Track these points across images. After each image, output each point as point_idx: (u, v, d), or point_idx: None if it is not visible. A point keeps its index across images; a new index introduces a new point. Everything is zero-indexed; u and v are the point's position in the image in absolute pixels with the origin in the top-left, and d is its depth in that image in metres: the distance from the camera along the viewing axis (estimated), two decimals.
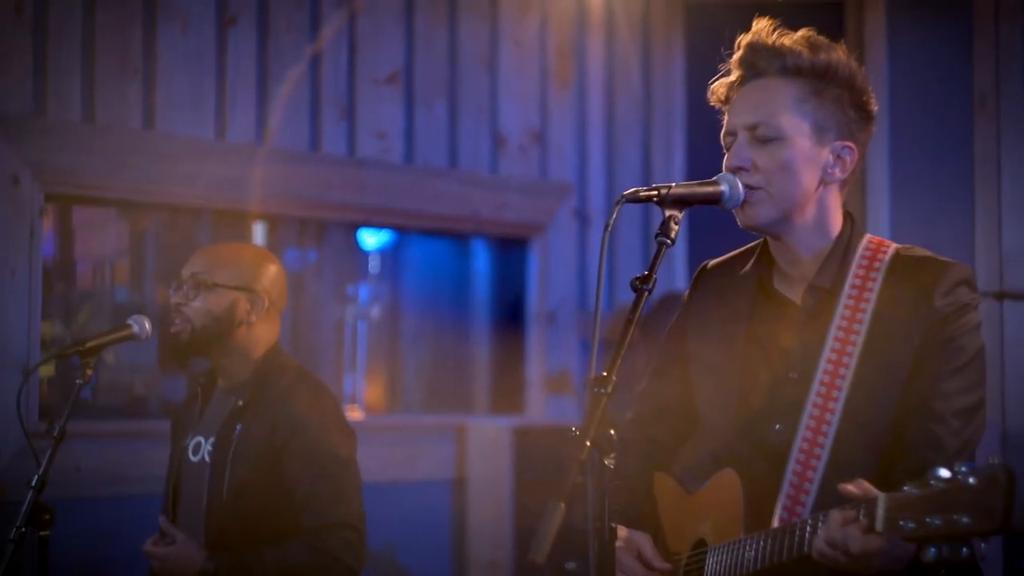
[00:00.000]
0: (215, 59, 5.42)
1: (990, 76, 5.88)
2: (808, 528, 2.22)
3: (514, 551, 5.82)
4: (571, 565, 5.32)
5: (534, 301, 6.40)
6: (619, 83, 6.68)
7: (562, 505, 2.02)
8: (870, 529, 2.06)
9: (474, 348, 6.50)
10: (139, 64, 5.22)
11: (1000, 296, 4.91)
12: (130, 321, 3.52)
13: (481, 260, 6.58)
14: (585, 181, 6.56)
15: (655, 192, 2.35)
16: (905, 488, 1.97)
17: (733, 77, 2.58)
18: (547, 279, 6.41)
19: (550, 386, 6.39)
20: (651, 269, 2.28)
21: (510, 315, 6.51)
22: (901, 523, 1.96)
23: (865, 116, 2.55)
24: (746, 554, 2.38)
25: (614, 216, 2.25)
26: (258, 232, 5.84)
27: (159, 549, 3.46)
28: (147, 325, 3.52)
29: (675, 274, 6.43)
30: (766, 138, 2.48)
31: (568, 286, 6.48)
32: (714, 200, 2.43)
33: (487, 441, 5.98)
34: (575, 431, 2.11)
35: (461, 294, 6.54)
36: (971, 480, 1.88)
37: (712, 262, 2.81)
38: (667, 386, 2.81)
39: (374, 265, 6.29)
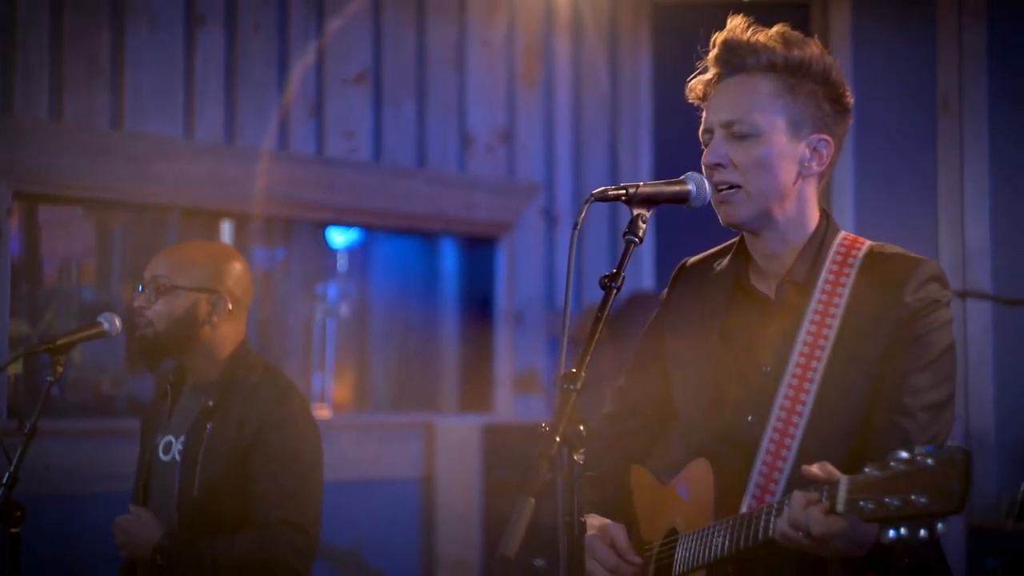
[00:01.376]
0: (183, 59, 5.43)
1: (953, 78, 5.93)
2: (773, 512, 2.25)
3: (482, 549, 5.84)
4: (539, 562, 5.35)
5: (502, 300, 6.43)
6: (586, 83, 6.72)
7: (532, 500, 2.03)
8: (831, 511, 2.08)
9: (442, 347, 6.53)
10: (107, 64, 5.23)
11: (963, 295, 4.96)
12: (100, 319, 3.52)
13: (449, 259, 6.61)
14: (552, 180, 6.60)
15: (623, 191, 2.36)
16: (866, 470, 2.00)
17: (709, 75, 2.60)
18: (515, 278, 6.44)
19: (518, 385, 6.41)
20: (619, 267, 2.29)
21: (478, 314, 6.53)
22: (861, 504, 1.98)
23: (841, 109, 2.58)
24: (714, 541, 2.41)
25: (583, 215, 2.26)
26: (225, 231, 5.84)
27: (121, 520, 3.48)
28: (117, 322, 3.53)
29: (642, 272, 6.47)
30: (742, 135, 2.50)
31: (536, 285, 6.51)
32: (681, 199, 2.44)
33: (455, 440, 6.00)
34: (545, 427, 2.12)
35: (429, 293, 6.56)
36: (929, 462, 1.91)
37: (691, 260, 2.84)
38: (645, 382, 2.84)
39: (342, 264, 6.30)
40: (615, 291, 2.29)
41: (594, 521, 2.64)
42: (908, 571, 2.35)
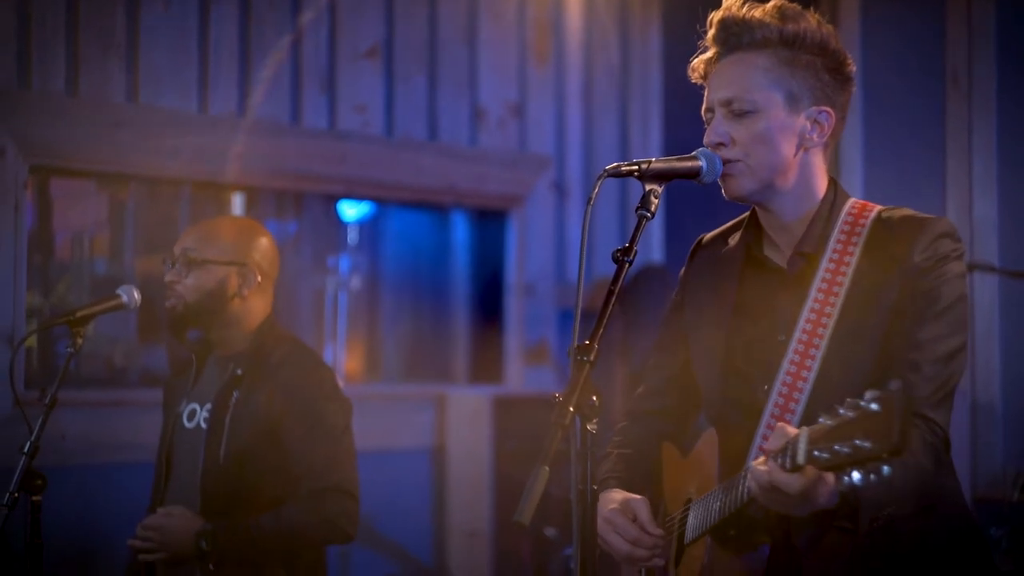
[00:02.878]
0: (197, 33, 5.46)
1: (962, 52, 5.94)
2: (749, 475, 2.29)
3: (494, 520, 5.89)
4: (550, 532, 5.40)
5: (513, 272, 6.47)
6: (597, 57, 6.74)
7: (546, 469, 2.08)
8: (795, 466, 2.11)
9: (453, 319, 6.57)
10: (122, 38, 5.25)
11: (970, 268, 4.98)
12: (119, 291, 3.57)
13: (460, 232, 6.64)
14: (563, 154, 6.62)
15: (636, 167, 2.41)
16: (820, 420, 2.05)
17: (709, 54, 2.64)
18: (525, 251, 6.48)
19: (529, 356, 6.46)
20: (632, 241, 2.34)
21: (489, 286, 6.57)
22: (816, 454, 2.03)
23: (842, 79, 2.61)
24: (712, 505, 2.47)
25: (596, 191, 2.31)
26: (237, 204, 5.88)
27: (152, 519, 3.51)
28: (135, 295, 3.58)
29: (652, 247, 6.50)
30: (741, 112, 2.54)
31: (546, 258, 6.55)
32: (693, 175, 2.49)
33: (467, 411, 6.04)
34: (558, 397, 2.17)
35: (440, 265, 6.60)
36: (873, 406, 1.95)
37: (706, 236, 2.88)
38: (670, 359, 2.88)
39: (353, 236, 6.34)
40: (628, 265, 2.33)
41: (617, 496, 2.67)
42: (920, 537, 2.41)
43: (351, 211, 6.31)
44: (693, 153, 2.51)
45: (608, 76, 6.77)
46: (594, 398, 2.19)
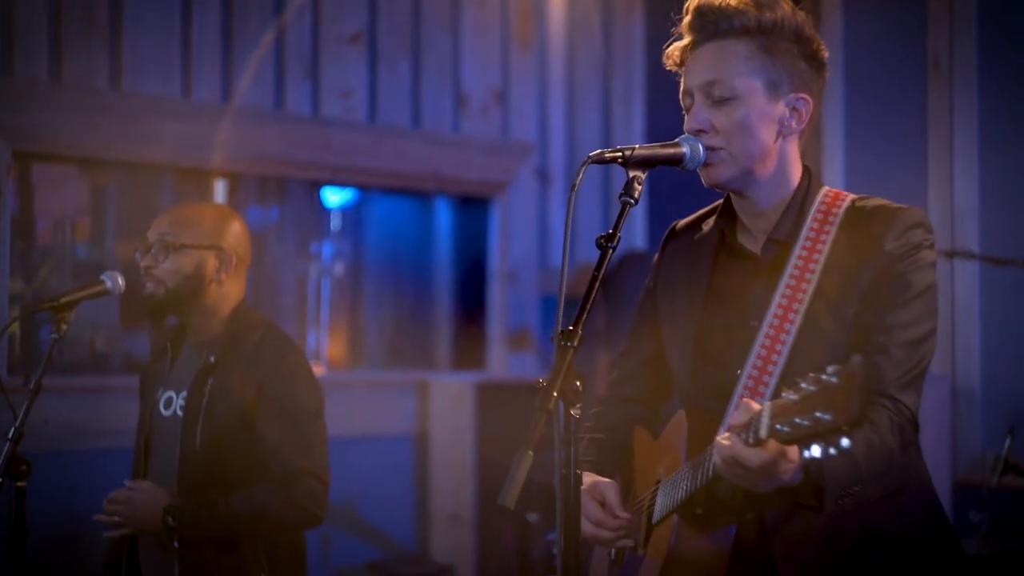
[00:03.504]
0: (181, 19, 5.46)
1: (943, 38, 5.96)
2: (714, 451, 2.31)
3: (476, 505, 5.91)
4: (532, 517, 5.42)
5: (495, 259, 6.49)
6: (580, 44, 6.75)
7: (530, 453, 2.09)
8: (758, 440, 2.14)
9: (436, 305, 6.59)
10: (105, 23, 5.25)
11: (951, 255, 5.00)
12: (103, 277, 3.56)
13: (443, 218, 6.66)
14: (546, 141, 6.64)
15: (619, 154, 2.42)
16: (783, 394, 2.07)
17: (685, 41, 2.65)
18: (508, 237, 6.49)
19: (511, 342, 6.48)
20: (615, 228, 2.35)
21: (472, 272, 6.59)
22: (778, 427, 2.05)
23: (817, 65, 2.61)
24: (680, 484, 2.49)
25: (579, 178, 2.32)
26: (219, 190, 5.89)
27: (118, 493, 3.52)
28: (120, 281, 3.57)
29: (635, 233, 6.52)
30: (722, 99, 2.55)
31: (529, 244, 6.57)
32: (676, 161, 2.50)
33: (449, 397, 6.06)
34: (542, 383, 2.18)
35: (423, 252, 6.61)
36: (834, 380, 1.97)
37: (680, 223, 2.89)
38: (644, 344, 2.90)
39: (336, 223, 6.35)
40: (611, 251, 2.34)
41: (586, 479, 2.68)
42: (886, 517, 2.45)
43: (334, 197, 6.31)
44: (676, 140, 2.52)
45: (591, 63, 6.78)
46: (578, 383, 2.20)
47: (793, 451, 2.15)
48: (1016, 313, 5.58)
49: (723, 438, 2.23)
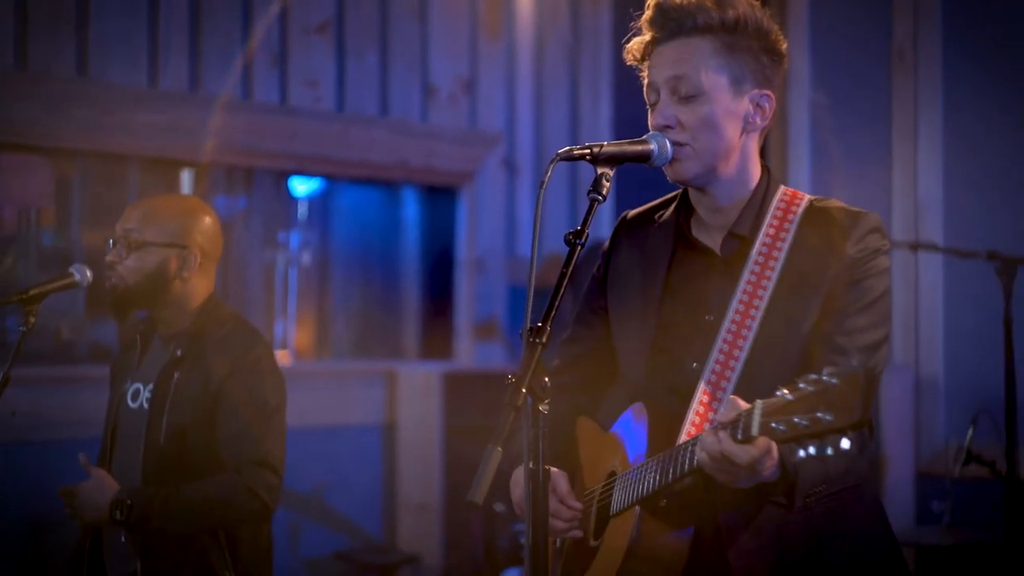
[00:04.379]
0: (148, 6, 5.43)
1: (908, 29, 5.99)
2: (696, 444, 2.33)
3: (444, 495, 5.93)
4: (500, 507, 5.44)
5: (463, 248, 6.50)
6: (548, 34, 6.76)
7: (499, 449, 2.11)
8: (747, 436, 2.16)
9: (404, 295, 6.59)
10: (72, 11, 5.22)
11: (915, 247, 5.04)
12: (72, 269, 3.56)
13: (411, 208, 6.66)
14: (514, 131, 6.65)
15: (588, 151, 2.44)
16: (778, 393, 2.09)
17: (646, 36, 2.66)
18: (476, 227, 6.50)
19: (479, 332, 6.49)
20: (584, 224, 2.37)
21: (439, 262, 6.60)
22: (773, 426, 2.07)
23: (778, 58, 2.63)
24: (647, 477, 2.49)
25: (548, 175, 2.34)
26: (186, 179, 5.87)
27: (68, 486, 3.51)
28: (88, 273, 3.57)
29: (601, 224, 6.54)
30: (688, 95, 2.56)
31: (496, 234, 6.58)
32: (644, 158, 2.52)
33: (417, 387, 6.07)
34: (511, 379, 2.20)
35: (391, 241, 6.61)
36: (834, 381, 2.01)
37: (632, 212, 2.90)
38: (588, 332, 2.90)
39: (303, 212, 6.34)
40: (580, 248, 2.36)
41: None
42: (826, 514, 2.48)
43: (302, 187, 6.30)
44: (644, 137, 2.54)
45: (559, 53, 6.79)
46: (546, 379, 2.22)
47: (775, 450, 2.19)
48: (979, 303, 5.63)
49: (708, 433, 2.24)
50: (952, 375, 5.78)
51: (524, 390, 2.19)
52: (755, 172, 2.66)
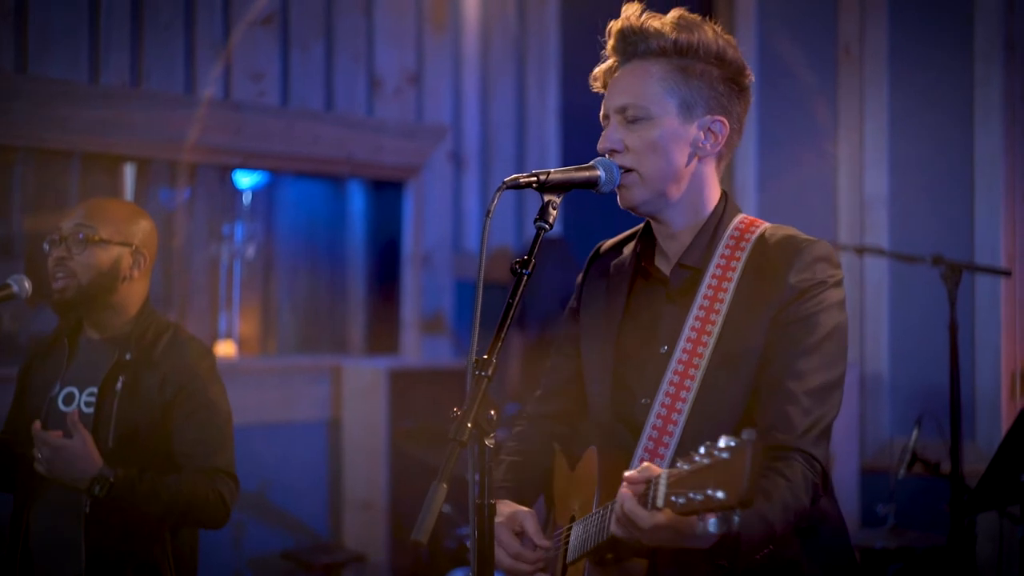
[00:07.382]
0: (89, 1, 5.35)
1: (854, 24, 6.01)
2: (611, 510, 2.29)
3: (389, 492, 5.91)
4: (445, 508, 5.43)
5: (409, 243, 6.47)
6: (494, 25, 6.72)
7: (444, 486, 2.09)
8: (653, 505, 2.11)
9: (349, 289, 6.56)
10: (11, 5, 5.13)
11: (860, 251, 5.06)
12: (9, 281, 3.51)
13: (357, 201, 6.62)
14: (460, 123, 6.62)
15: (534, 179, 2.42)
16: (678, 464, 2.05)
17: (609, 63, 2.65)
18: (422, 221, 6.47)
19: (425, 327, 6.47)
20: (530, 254, 2.35)
21: (385, 256, 6.57)
22: (673, 499, 2.04)
23: (739, 89, 2.61)
24: (590, 529, 2.48)
25: (494, 203, 2.33)
26: (128, 174, 5.80)
27: (53, 439, 3.39)
28: (26, 284, 3.52)
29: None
30: (635, 118, 2.55)
31: (443, 228, 6.55)
32: (591, 184, 2.50)
33: (362, 383, 6.04)
34: (456, 412, 2.18)
35: (337, 235, 6.58)
36: (725, 456, 1.96)
37: (605, 244, 2.88)
38: (565, 362, 2.87)
39: (247, 201, 6.28)
40: (526, 278, 2.34)
41: (504, 508, 2.66)
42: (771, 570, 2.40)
43: (246, 179, 6.25)
44: (591, 163, 2.52)
45: (505, 43, 6.76)
46: (492, 412, 2.20)
47: (679, 520, 2.12)
48: (924, 303, 5.67)
49: (622, 490, 2.20)
50: (897, 373, 5.83)
51: (469, 424, 2.16)
52: (711, 199, 2.63)
